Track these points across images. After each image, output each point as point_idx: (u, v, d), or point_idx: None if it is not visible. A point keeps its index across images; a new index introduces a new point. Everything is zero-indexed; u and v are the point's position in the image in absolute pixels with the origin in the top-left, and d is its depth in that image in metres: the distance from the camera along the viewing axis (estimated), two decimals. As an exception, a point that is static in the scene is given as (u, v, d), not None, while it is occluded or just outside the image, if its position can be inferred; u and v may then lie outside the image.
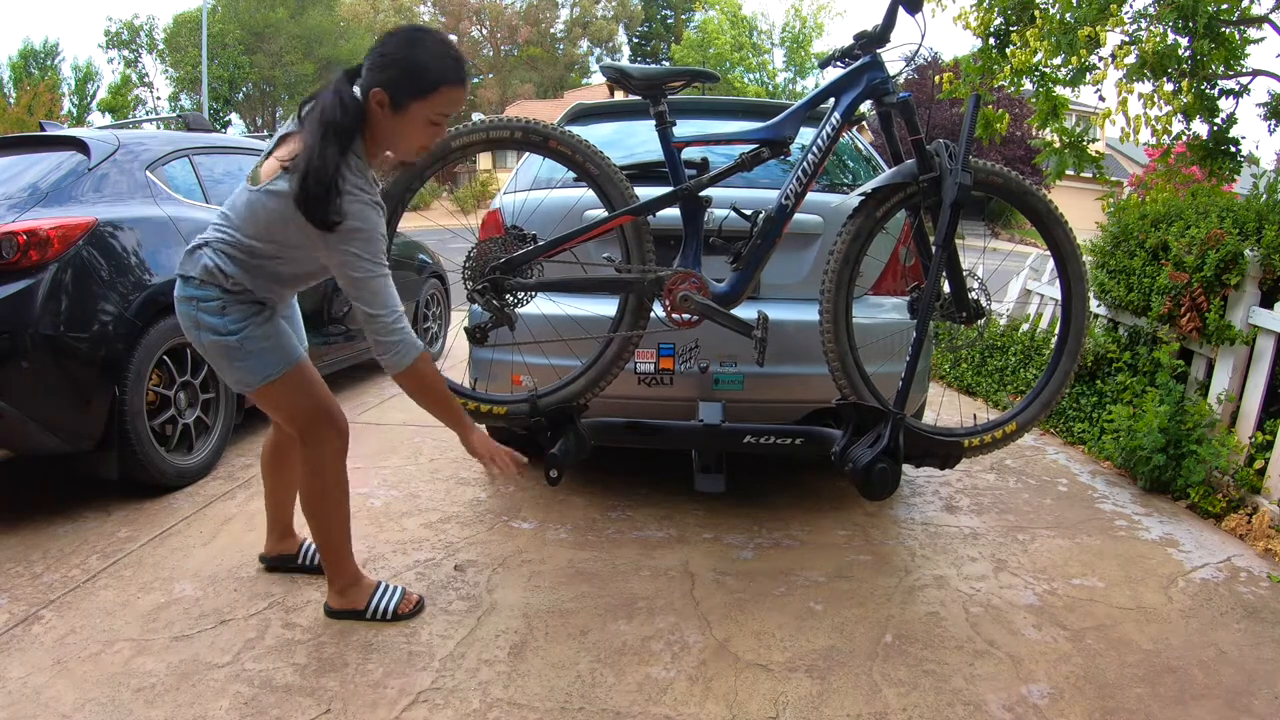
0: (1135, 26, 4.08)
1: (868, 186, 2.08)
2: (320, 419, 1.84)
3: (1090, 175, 4.83)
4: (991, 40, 4.57)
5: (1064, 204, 2.25)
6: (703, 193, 2.08)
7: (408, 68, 1.60)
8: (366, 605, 1.93)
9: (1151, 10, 4.04)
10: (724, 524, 2.57)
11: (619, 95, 2.56)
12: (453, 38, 41.17)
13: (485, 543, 2.42)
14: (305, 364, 1.84)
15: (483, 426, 1.90)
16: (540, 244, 2.02)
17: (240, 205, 1.71)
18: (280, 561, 2.18)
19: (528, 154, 2.46)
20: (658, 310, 2.10)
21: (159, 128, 6.76)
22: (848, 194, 2.41)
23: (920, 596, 2.15)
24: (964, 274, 2.13)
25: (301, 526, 2.32)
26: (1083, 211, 4.25)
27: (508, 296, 2.04)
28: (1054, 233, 2.18)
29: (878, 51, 2.05)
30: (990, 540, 2.53)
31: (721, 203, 2.14)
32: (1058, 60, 4.21)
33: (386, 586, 1.99)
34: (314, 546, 2.15)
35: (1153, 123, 4.16)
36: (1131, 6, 4.07)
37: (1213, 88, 4.03)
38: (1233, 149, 4.07)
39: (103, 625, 1.91)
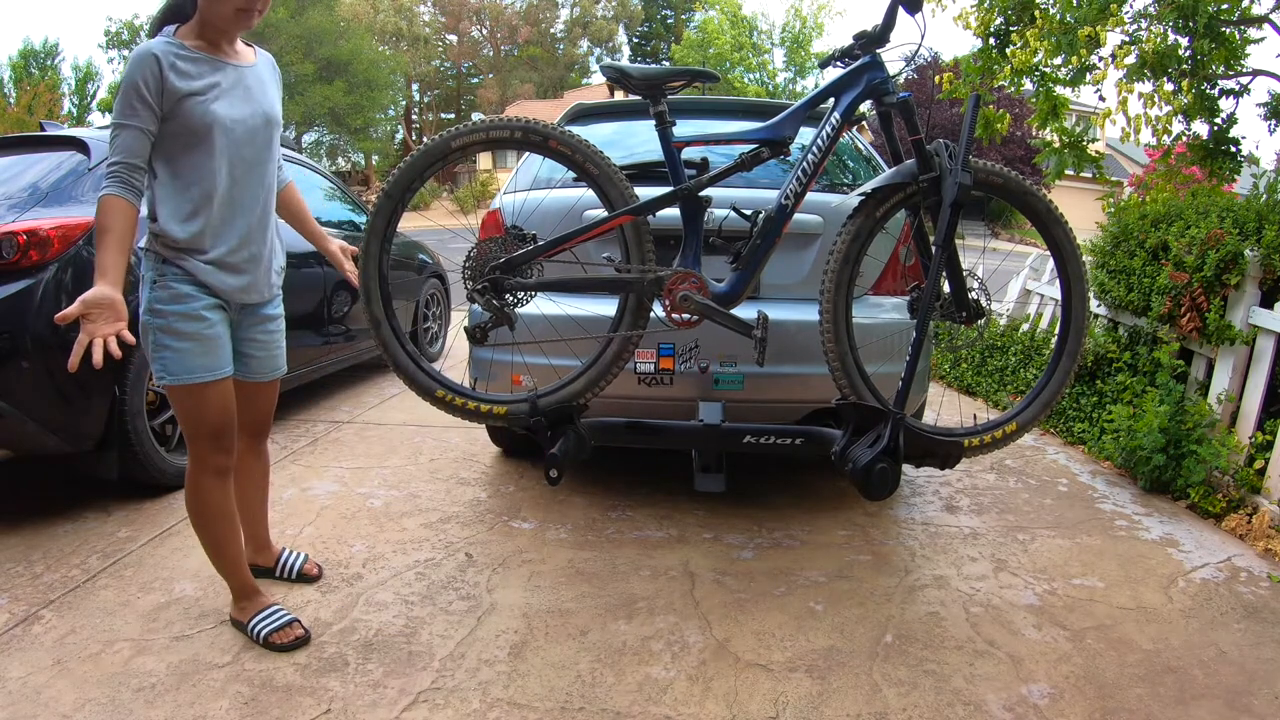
0: (1135, 26, 4.08)
1: (868, 186, 2.08)
2: (204, 442, 1.78)
3: (1090, 175, 4.84)
4: (991, 40, 4.57)
5: (1064, 204, 2.25)
6: (702, 193, 2.08)
7: None
8: (248, 621, 1.87)
9: (1152, 10, 4.04)
10: (724, 524, 2.57)
11: (619, 95, 2.56)
12: (453, 39, 41.12)
13: (485, 543, 2.42)
14: (219, 386, 1.75)
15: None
16: (540, 244, 2.02)
17: None
18: (257, 570, 2.09)
19: (528, 154, 2.46)
20: (657, 310, 2.10)
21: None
22: (848, 194, 2.41)
23: (920, 596, 2.15)
24: (964, 274, 2.13)
25: (278, 538, 2.32)
26: (1083, 211, 4.25)
27: (507, 296, 2.04)
28: (1054, 233, 2.18)
29: (877, 51, 2.05)
30: (990, 540, 2.53)
31: (721, 203, 2.14)
32: (1058, 60, 4.21)
33: (274, 611, 1.89)
34: (292, 558, 2.18)
35: (1153, 123, 4.17)
36: (1131, 6, 4.08)
37: (1213, 88, 4.03)
38: (1233, 149, 4.07)
39: (103, 625, 1.91)
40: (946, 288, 2.13)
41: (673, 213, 2.11)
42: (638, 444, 2.34)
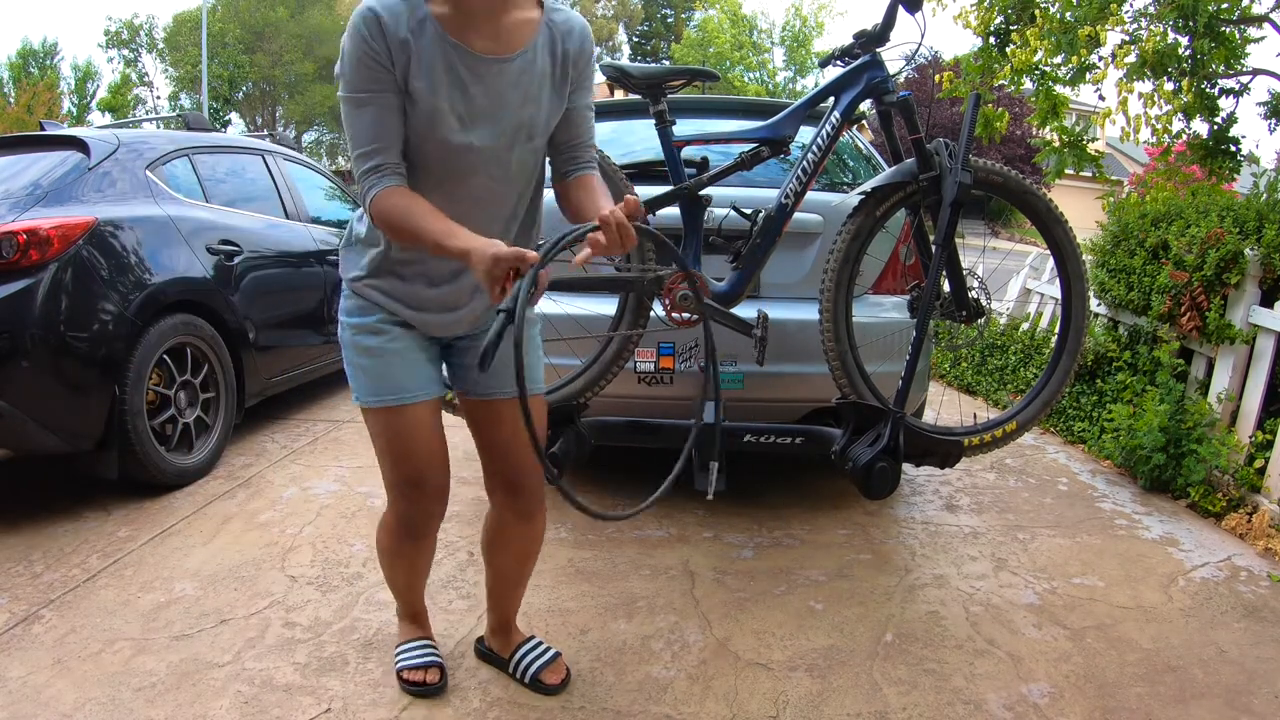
0: (1135, 25, 4.09)
1: (868, 185, 2.08)
2: (391, 486, 1.53)
3: (1090, 174, 4.84)
4: (992, 39, 4.58)
5: (1064, 203, 2.25)
6: (702, 192, 2.08)
7: None
8: (396, 645, 1.77)
9: (1151, 9, 4.04)
10: (724, 523, 2.57)
11: (619, 94, 2.56)
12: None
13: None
14: (406, 412, 1.45)
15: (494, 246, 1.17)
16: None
17: None
18: (491, 655, 1.78)
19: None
20: (657, 309, 2.10)
21: (159, 127, 6.77)
22: (847, 193, 2.41)
23: (920, 595, 2.15)
24: (964, 273, 2.13)
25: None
26: (1083, 210, 4.25)
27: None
28: (1054, 232, 2.18)
29: (877, 50, 2.05)
30: (990, 539, 2.53)
31: (721, 202, 2.14)
32: (1058, 59, 4.21)
33: (421, 647, 1.74)
34: (532, 656, 1.72)
35: (1153, 122, 4.17)
36: (1131, 6, 4.08)
37: (1213, 87, 4.03)
38: (1233, 148, 4.07)
39: (103, 624, 1.91)
40: (946, 287, 2.13)
41: (672, 212, 2.11)
42: (638, 443, 2.34)
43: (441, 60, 1.28)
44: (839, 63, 2.12)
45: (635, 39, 42.30)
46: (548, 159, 1.48)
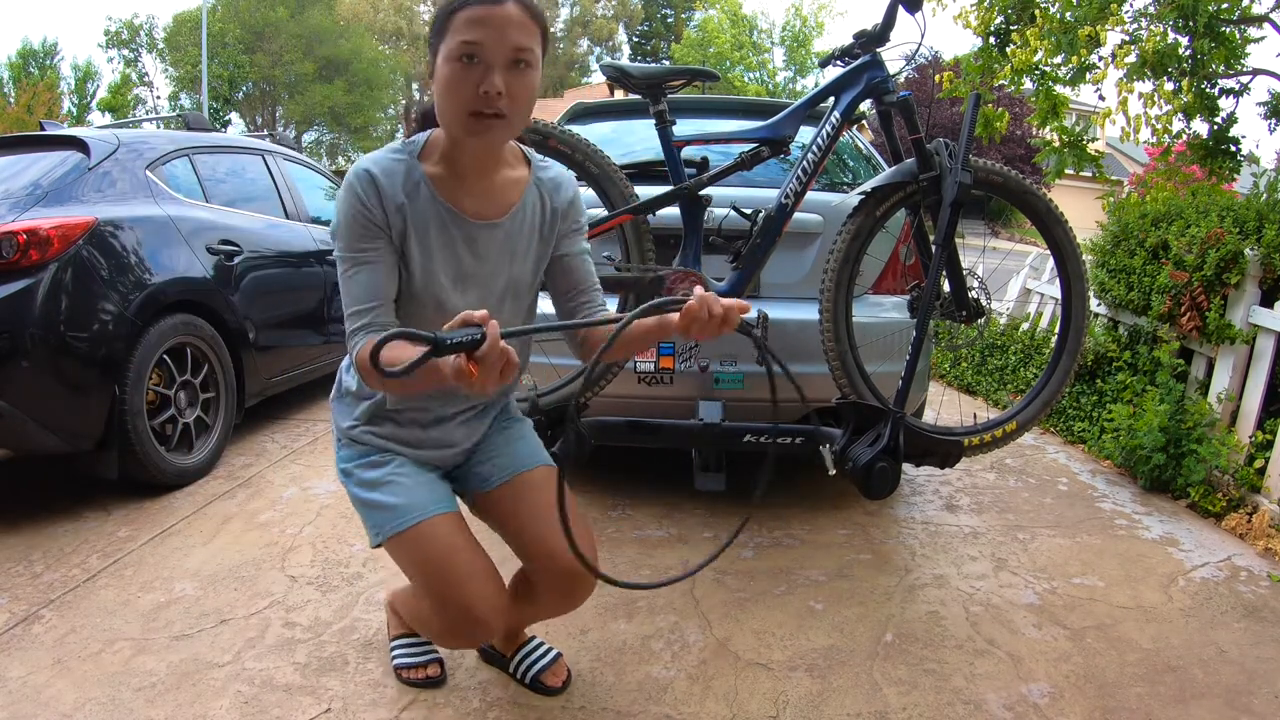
0: (1135, 26, 4.09)
1: (868, 185, 2.08)
2: (441, 613, 1.40)
3: (1090, 174, 4.84)
4: (992, 39, 4.58)
5: (1064, 203, 2.25)
6: (702, 192, 2.08)
7: (430, 27, 1.29)
8: (392, 639, 1.77)
9: (1152, 9, 4.04)
10: (724, 523, 2.57)
11: (619, 94, 2.56)
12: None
13: (485, 542, 2.41)
14: (430, 528, 1.38)
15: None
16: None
17: None
18: (492, 655, 1.78)
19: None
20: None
21: (159, 127, 6.77)
22: (847, 193, 2.41)
23: (920, 595, 2.15)
24: (964, 273, 2.13)
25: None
26: (1083, 210, 4.25)
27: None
28: (1054, 232, 2.18)
29: (877, 50, 2.05)
30: (990, 539, 2.53)
31: (721, 202, 2.14)
32: (1058, 59, 4.21)
33: (420, 644, 1.74)
34: (536, 655, 1.72)
35: (1153, 122, 4.17)
36: (1132, 6, 4.09)
37: (1213, 87, 4.03)
38: (1233, 148, 4.07)
39: (103, 624, 1.91)
40: (946, 287, 2.13)
41: (673, 212, 2.11)
42: (638, 443, 2.34)
43: (435, 222, 1.30)
44: (839, 63, 2.13)
45: (635, 39, 42.29)
46: (555, 312, 1.50)
